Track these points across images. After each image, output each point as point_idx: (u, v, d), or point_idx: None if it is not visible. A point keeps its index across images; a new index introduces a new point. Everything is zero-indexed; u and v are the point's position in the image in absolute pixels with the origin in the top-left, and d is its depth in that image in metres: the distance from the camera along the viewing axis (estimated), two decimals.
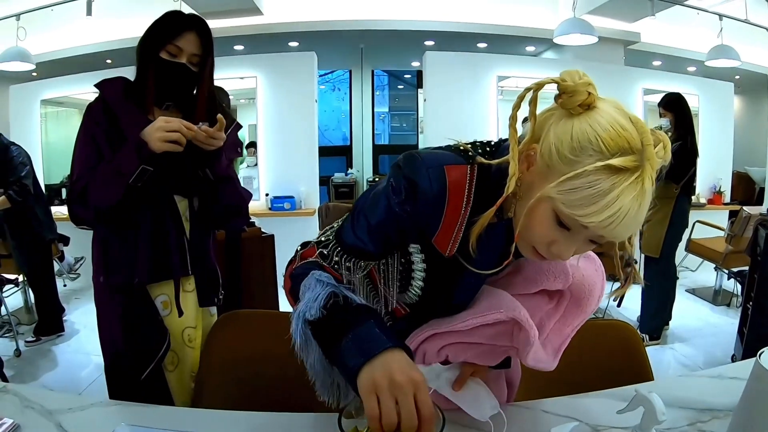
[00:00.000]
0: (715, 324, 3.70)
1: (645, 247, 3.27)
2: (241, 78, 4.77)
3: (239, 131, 1.51)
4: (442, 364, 0.96)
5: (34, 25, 4.61)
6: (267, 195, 4.74)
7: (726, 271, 3.90)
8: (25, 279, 3.58)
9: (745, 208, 3.83)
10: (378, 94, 9.04)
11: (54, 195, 4.98)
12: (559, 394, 1.03)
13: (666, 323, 3.45)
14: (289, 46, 6.11)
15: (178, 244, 1.37)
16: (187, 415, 1.01)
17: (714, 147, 5.19)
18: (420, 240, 0.85)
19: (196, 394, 1.28)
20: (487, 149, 0.82)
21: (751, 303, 2.70)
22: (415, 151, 0.80)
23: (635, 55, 5.94)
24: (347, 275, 0.86)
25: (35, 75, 5.39)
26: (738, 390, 0.82)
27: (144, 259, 1.32)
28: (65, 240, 3.68)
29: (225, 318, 1.35)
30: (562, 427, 0.91)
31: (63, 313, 3.66)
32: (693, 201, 3.77)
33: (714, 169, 5.22)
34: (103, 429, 0.90)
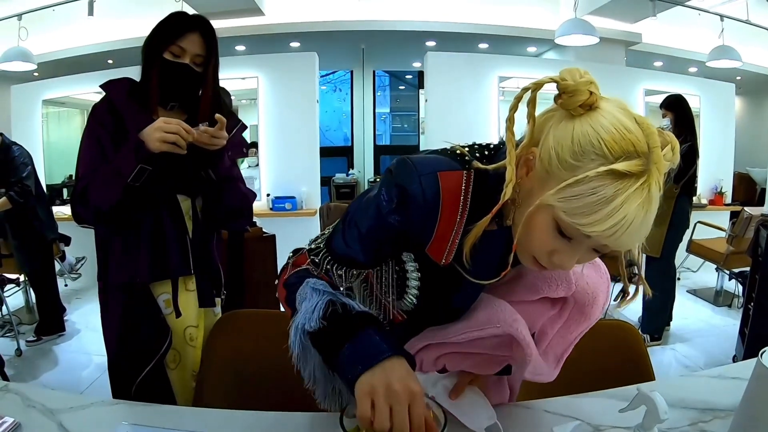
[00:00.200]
0: (717, 325, 3.70)
1: (645, 246, 3.26)
2: (243, 78, 4.77)
3: (244, 132, 1.51)
4: (440, 372, 0.94)
5: (36, 25, 4.62)
6: (268, 195, 4.74)
7: (727, 271, 3.89)
8: (26, 279, 3.58)
9: (746, 208, 3.82)
10: (379, 94, 9.05)
11: (55, 195, 4.99)
12: (560, 395, 1.03)
13: (667, 324, 3.45)
14: (290, 47, 6.12)
15: (181, 244, 1.37)
16: (188, 414, 1.01)
17: (715, 148, 5.19)
18: (413, 249, 0.82)
19: (197, 393, 1.29)
20: (486, 153, 0.78)
21: (752, 304, 2.70)
22: (409, 156, 0.76)
23: (636, 56, 5.94)
24: (341, 283, 0.84)
25: (37, 75, 5.40)
26: (739, 390, 0.82)
27: (145, 257, 1.33)
28: (66, 240, 3.68)
29: (226, 318, 1.36)
30: (564, 426, 0.91)
31: (64, 313, 3.66)
32: (694, 202, 3.76)
33: (715, 170, 5.22)
34: (104, 428, 0.90)
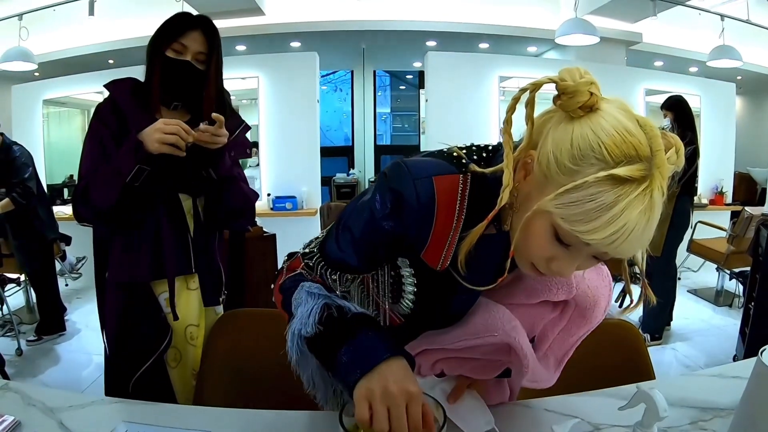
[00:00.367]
0: (717, 324, 3.70)
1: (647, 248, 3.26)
2: (243, 78, 4.76)
3: (247, 132, 1.50)
4: (438, 376, 0.93)
5: (37, 25, 4.62)
6: (269, 195, 4.74)
7: (728, 271, 3.89)
8: (27, 278, 3.59)
9: (746, 208, 3.81)
10: (380, 94, 9.03)
11: (56, 195, 5.00)
12: (559, 394, 1.02)
13: (667, 323, 3.45)
14: (290, 47, 6.11)
15: (182, 243, 1.37)
16: (187, 413, 1.01)
17: (716, 148, 5.19)
18: (408, 254, 0.81)
19: (197, 392, 1.29)
20: (484, 154, 0.76)
21: (752, 303, 2.70)
22: (403, 160, 0.74)
23: (637, 56, 5.93)
24: (336, 287, 0.82)
25: (37, 75, 5.40)
26: (739, 389, 0.82)
27: (146, 256, 1.33)
28: (67, 239, 3.69)
29: (226, 317, 1.36)
30: (563, 425, 0.91)
31: (64, 313, 3.67)
32: (695, 202, 3.76)
33: (716, 170, 5.21)
34: (104, 426, 0.90)
